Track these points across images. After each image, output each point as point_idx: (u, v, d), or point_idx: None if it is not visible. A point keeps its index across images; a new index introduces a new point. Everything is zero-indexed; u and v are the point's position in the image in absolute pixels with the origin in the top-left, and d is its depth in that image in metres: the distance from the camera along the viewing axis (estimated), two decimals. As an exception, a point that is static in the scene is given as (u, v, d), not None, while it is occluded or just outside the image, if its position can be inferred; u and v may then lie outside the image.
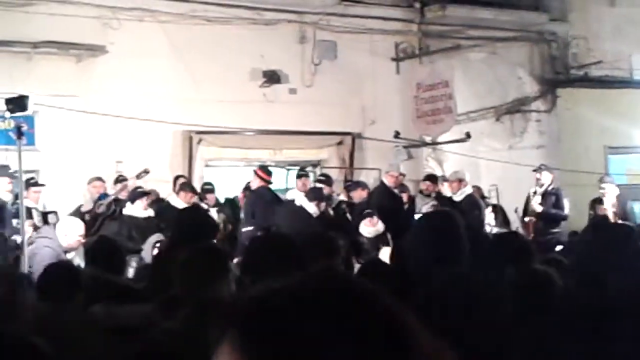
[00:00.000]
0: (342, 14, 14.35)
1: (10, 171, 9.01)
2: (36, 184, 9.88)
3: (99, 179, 11.18)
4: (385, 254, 9.33)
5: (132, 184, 10.87)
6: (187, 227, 5.63)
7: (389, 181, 11.57)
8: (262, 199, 10.43)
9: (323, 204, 10.49)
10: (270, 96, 13.79)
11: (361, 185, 12.40)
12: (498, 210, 12.80)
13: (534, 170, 12.59)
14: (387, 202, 11.18)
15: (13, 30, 11.57)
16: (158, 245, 8.92)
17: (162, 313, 4.39)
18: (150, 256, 8.66)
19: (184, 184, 10.87)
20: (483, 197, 12.71)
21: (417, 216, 10.48)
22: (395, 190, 11.79)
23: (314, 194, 10.44)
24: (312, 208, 10.08)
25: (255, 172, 10.85)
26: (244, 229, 10.44)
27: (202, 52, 12.99)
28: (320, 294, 1.20)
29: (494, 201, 13.13)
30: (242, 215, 11.16)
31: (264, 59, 13.67)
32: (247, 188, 12.01)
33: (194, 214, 6.50)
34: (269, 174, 10.81)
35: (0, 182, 9.18)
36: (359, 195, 11.94)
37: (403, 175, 12.59)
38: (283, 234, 5.08)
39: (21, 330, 2.88)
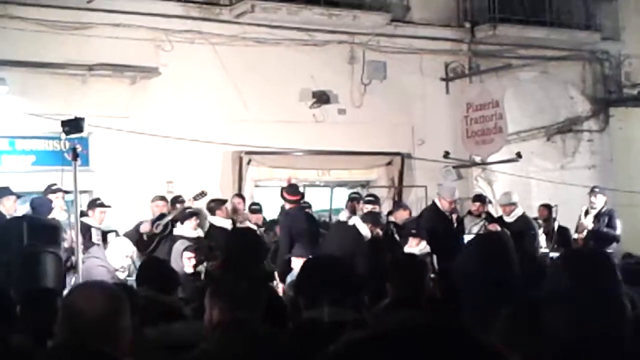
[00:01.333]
0: (391, 35, 14.38)
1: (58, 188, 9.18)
2: (102, 205, 10.03)
3: (162, 198, 11.30)
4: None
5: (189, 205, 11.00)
6: (238, 249, 5.66)
7: (442, 205, 11.37)
8: (296, 219, 10.35)
9: (378, 229, 10.39)
10: (320, 116, 13.84)
11: (402, 206, 12.33)
12: (558, 231, 12.64)
13: (588, 193, 12.39)
14: (438, 224, 11.06)
15: (68, 53, 11.81)
16: (186, 254, 8.99)
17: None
18: (178, 264, 8.71)
19: (211, 205, 10.91)
20: (547, 219, 12.57)
21: (465, 237, 10.43)
22: (447, 214, 11.64)
23: (370, 217, 10.31)
24: (365, 230, 9.92)
25: (281, 194, 10.63)
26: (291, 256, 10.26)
27: (253, 73, 13.11)
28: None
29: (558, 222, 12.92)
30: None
31: (314, 79, 13.74)
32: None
33: (245, 236, 6.53)
34: (297, 193, 10.65)
35: (55, 200, 9.36)
36: (401, 216, 11.87)
37: (458, 200, 12.41)
38: (337, 257, 5.08)
39: (117, 352, 2.91)
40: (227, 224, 10.62)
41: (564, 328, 2.69)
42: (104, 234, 9.72)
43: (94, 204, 9.94)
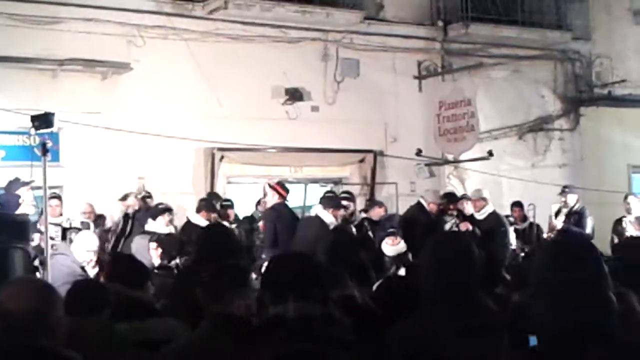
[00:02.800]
0: (365, 32, 14.41)
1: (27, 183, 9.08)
2: (54, 197, 9.90)
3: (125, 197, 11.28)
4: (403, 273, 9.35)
5: (132, 202, 10.99)
6: (210, 245, 5.64)
7: (431, 209, 11.41)
8: (283, 216, 10.33)
9: (341, 212, 10.30)
10: (293, 113, 13.84)
11: (377, 203, 12.36)
12: (534, 228, 12.77)
13: (559, 194, 12.48)
14: (421, 221, 11.09)
15: (39, 47, 11.70)
16: (152, 244, 8.95)
17: (185, 327, 4.43)
18: (145, 257, 8.62)
19: (204, 203, 10.84)
20: (523, 218, 12.75)
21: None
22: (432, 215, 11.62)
23: (329, 202, 10.16)
24: (328, 217, 9.79)
25: (273, 188, 10.52)
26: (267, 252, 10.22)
27: (225, 70, 13.08)
28: None
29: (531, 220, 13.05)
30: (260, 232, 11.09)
31: (287, 76, 13.73)
32: (259, 202, 12.06)
33: (218, 232, 6.51)
34: (287, 190, 10.61)
35: (26, 195, 9.25)
36: (377, 214, 11.90)
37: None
38: (302, 252, 5.08)
39: (55, 343, 2.92)
40: (203, 224, 10.50)
41: (550, 321, 2.70)
42: (64, 231, 9.61)
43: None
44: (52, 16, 11.87)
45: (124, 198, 11.21)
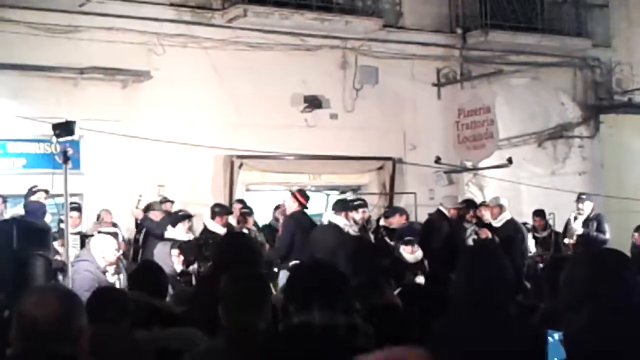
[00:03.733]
0: (384, 40, 14.41)
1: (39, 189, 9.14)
2: (75, 209, 9.98)
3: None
4: (420, 281, 9.34)
5: (135, 213, 11.14)
6: (230, 252, 5.66)
7: (451, 215, 11.38)
8: (301, 224, 10.31)
9: (353, 214, 10.28)
10: (312, 121, 13.86)
11: (399, 211, 12.33)
12: (554, 236, 12.73)
13: (575, 201, 12.45)
14: (443, 228, 11.06)
15: (60, 56, 11.79)
16: (174, 251, 8.98)
17: (204, 336, 4.44)
18: (167, 264, 8.68)
19: (217, 209, 10.86)
20: (544, 227, 12.72)
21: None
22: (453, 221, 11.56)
23: (339, 206, 10.16)
24: (341, 221, 9.78)
25: (294, 195, 10.52)
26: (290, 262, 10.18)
27: (245, 78, 13.11)
28: None
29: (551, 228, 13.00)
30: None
31: (306, 84, 13.76)
32: (277, 207, 12.08)
33: (237, 239, 6.52)
34: (307, 198, 10.58)
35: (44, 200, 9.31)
36: (397, 221, 11.87)
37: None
38: (326, 261, 5.10)
39: (78, 351, 2.93)
40: (221, 231, 10.50)
41: (586, 332, 2.69)
42: (82, 239, 9.66)
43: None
44: (73, 25, 11.95)
45: (147, 209, 11.28)
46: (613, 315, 2.75)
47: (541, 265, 11.80)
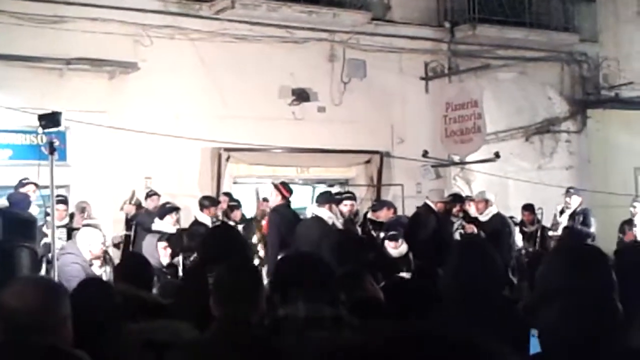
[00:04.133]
0: (371, 33, 14.40)
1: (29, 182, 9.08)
2: (59, 202, 9.93)
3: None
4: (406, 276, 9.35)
5: (127, 209, 11.12)
6: (217, 245, 5.63)
7: (438, 208, 11.36)
8: (285, 217, 10.27)
9: (336, 207, 10.24)
10: (299, 114, 13.83)
11: (387, 204, 12.31)
12: (542, 231, 12.76)
13: (563, 194, 12.50)
14: (430, 222, 11.06)
15: (46, 46, 11.71)
16: (161, 244, 8.94)
17: (191, 329, 4.41)
18: (154, 256, 8.65)
19: (203, 201, 10.83)
20: (532, 222, 12.74)
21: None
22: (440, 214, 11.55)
23: (323, 198, 9.99)
24: (325, 213, 9.60)
25: (277, 188, 10.47)
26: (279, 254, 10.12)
27: (232, 70, 13.08)
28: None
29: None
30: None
31: (294, 77, 13.73)
32: (264, 200, 12.08)
33: (224, 231, 6.50)
34: (291, 191, 10.53)
35: (32, 195, 9.26)
36: (384, 215, 11.86)
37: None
38: (311, 253, 5.08)
39: (61, 342, 2.91)
40: (209, 222, 10.47)
41: (560, 329, 2.68)
42: (69, 232, 9.61)
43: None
44: (59, 15, 11.88)
45: (122, 208, 11.30)
46: (586, 310, 2.76)
47: (527, 259, 11.85)
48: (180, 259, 9.25)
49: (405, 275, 9.50)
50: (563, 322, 2.70)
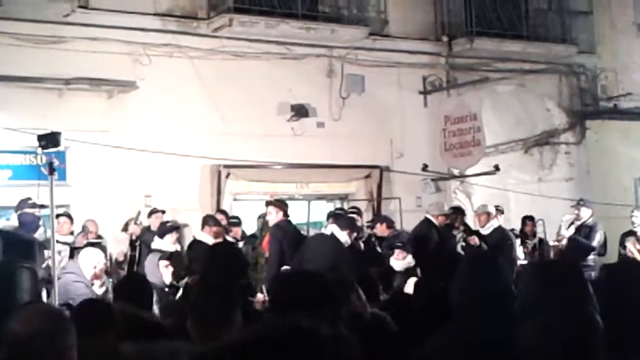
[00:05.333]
0: (370, 48, 14.44)
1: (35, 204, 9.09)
2: (62, 215, 9.94)
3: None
4: (410, 286, 9.32)
5: (133, 230, 11.15)
6: (217, 263, 5.63)
7: (439, 222, 11.36)
8: (289, 233, 10.32)
9: (355, 234, 10.33)
10: (298, 130, 13.85)
11: (380, 219, 12.30)
12: (542, 244, 12.74)
13: (573, 206, 12.43)
14: (431, 237, 11.06)
15: (45, 67, 11.75)
16: (162, 262, 8.94)
17: (192, 348, 4.40)
18: (156, 275, 8.65)
19: (206, 219, 10.82)
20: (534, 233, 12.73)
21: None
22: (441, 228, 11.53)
23: (346, 223, 10.21)
24: (343, 237, 9.82)
25: (276, 205, 10.54)
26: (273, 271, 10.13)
27: (231, 87, 13.11)
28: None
29: (540, 235, 12.98)
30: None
31: (292, 93, 13.76)
32: (260, 217, 12.11)
33: (225, 250, 6.50)
34: (286, 205, 10.66)
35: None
36: (380, 230, 11.87)
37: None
38: (311, 271, 5.08)
39: None
40: (210, 241, 10.45)
41: (535, 339, 2.70)
42: (72, 250, 9.62)
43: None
44: (57, 35, 11.92)
45: (125, 227, 11.29)
46: (561, 325, 2.78)
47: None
48: (186, 280, 9.21)
49: (409, 287, 9.53)
50: (539, 338, 2.72)
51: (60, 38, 11.94)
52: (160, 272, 8.93)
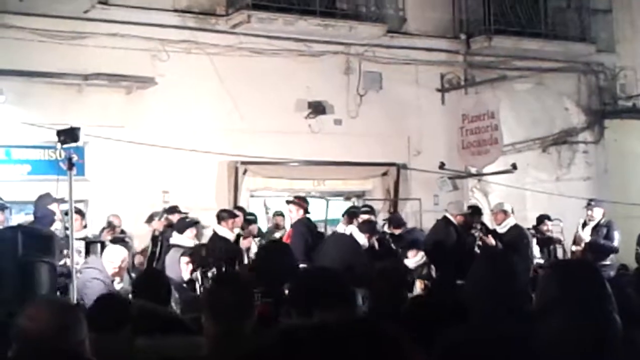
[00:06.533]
0: (387, 46, 14.42)
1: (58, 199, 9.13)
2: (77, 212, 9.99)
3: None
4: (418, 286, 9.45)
5: (157, 225, 11.15)
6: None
7: (457, 221, 11.34)
8: (311, 229, 10.43)
9: (374, 239, 10.41)
10: (316, 127, 13.86)
11: (391, 221, 12.30)
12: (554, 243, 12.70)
13: (585, 207, 12.40)
14: (449, 236, 11.03)
15: (64, 62, 11.81)
16: (184, 259, 8.97)
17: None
18: (175, 271, 8.68)
19: (221, 214, 10.83)
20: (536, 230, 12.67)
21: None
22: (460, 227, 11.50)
23: (367, 227, 10.33)
24: (362, 239, 9.95)
25: (298, 203, 10.66)
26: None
27: (249, 84, 13.13)
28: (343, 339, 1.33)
29: (556, 235, 12.93)
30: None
31: (310, 90, 13.76)
32: (277, 214, 12.13)
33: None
34: (307, 202, 10.78)
35: (56, 210, 9.33)
36: (390, 230, 11.90)
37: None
38: (329, 268, 5.09)
39: None
40: (230, 236, 10.48)
41: (554, 339, 2.70)
42: (87, 245, 9.64)
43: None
44: (77, 31, 11.98)
45: (150, 220, 11.30)
46: (580, 323, 2.78)
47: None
48: (198, 273, 9.24)
49: (417, 286, 9.59)
50: (558, 339, 2.72)
51: (79, 34, 12.00)
52: (180, 268, 8.97)
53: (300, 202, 10.49)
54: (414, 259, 10.64)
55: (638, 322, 3.26)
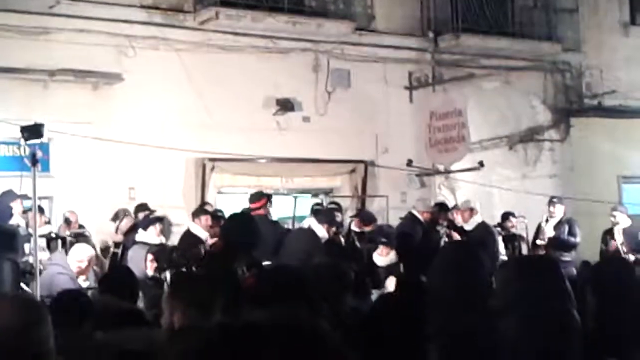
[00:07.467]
0: (356, 43, 14.45)
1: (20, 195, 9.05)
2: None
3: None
4: (391, 284, 9.34)
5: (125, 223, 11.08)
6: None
7: (424, 218, 11.38)
8: (274, 227, 10.39)
9: (333, 229, 10.32)
10: (284, 124, 13.85)
11: (358, 216, 12.28)
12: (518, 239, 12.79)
13: (547, 204, 12.54)
14: (416, 233, 11.07)
15: (30, 58, 11.69)
16: (149, 256, 8.92)
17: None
18: (139, 267, 8.62)
19: (196, 211, 10.80)
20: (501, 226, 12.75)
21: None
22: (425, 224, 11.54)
23: (324, 217, 10.21)
24: (321, 231, 9.81)
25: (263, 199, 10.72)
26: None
27: (216, 80, 13.09)
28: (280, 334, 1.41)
29: (520, 232, 13.03)
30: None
31: (278, 87, 13.75)
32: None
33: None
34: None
35: (17, 207, 9.26)
36: (357, 226, 11.90)
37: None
38: (289, 266, 5.09)
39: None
40: (204, 235, 10.41)
41: (515, 334, 2.73)
42: (49, 241, 9.54)
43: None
44: (43, 27, 11.87)
45: (115, 217, 11.20)
46: (542, 317, 2.81)
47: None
48: (167, 274, 9.18)
49: (390, 283, 9.53)
50: (518, 332, 2.75)
51: (45, 29, 11.89)
52: (145, 265, 8.91)
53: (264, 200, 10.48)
54: (385, 257, 10.57)
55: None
